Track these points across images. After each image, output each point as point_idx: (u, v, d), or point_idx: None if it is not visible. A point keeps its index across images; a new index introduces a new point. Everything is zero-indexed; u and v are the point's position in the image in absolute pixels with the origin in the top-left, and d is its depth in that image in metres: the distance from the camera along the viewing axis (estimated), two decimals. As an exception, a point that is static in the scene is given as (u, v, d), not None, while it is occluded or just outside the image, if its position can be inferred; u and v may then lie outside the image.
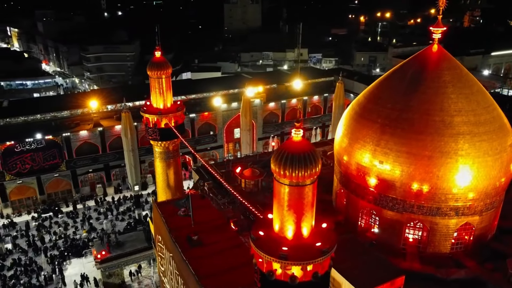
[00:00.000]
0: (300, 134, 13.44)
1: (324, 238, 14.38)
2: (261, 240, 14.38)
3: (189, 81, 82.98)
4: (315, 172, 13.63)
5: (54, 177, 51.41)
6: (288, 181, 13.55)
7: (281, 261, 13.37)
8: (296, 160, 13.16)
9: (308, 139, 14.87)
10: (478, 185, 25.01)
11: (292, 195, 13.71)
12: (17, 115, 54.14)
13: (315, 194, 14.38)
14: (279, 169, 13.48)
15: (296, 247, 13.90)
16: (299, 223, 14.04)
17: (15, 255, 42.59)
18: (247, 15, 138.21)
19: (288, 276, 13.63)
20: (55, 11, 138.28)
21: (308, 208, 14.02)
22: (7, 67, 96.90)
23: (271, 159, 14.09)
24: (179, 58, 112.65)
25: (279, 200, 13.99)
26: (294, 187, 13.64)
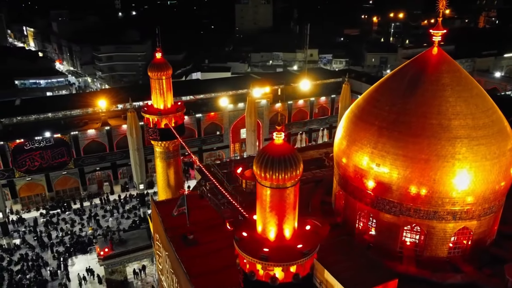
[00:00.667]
0: (282, 137, 13.61)
1: (306, 240, 14.52)
2: (244, 241, 14.59)
3: (197, 81, 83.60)
4: (296, 175, 13.78)
5: (62, 174, 52.44)
6: (269, 183, 13.74)
7: (261, 262, 13.57)
8: (277, 163, 13.34)
9: (288, 143, 14.60)
10: (475, 190, 24.79)
11: (274, 197, 13.89)
12: (28, 114, 55.44)
13: (297, 196, 14.52)
14: (260, 171, 13.67)
15: (277, 249, 14.08)
16: (281, 225, 14.21)
17: (22, 250, 43.59)
18: (258, 16, 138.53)
19: (269, 277, 13.81)
20: (70, 11, 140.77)
21: (289, 210, 14.18)
22: (22, 66, 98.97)
23: (254, 161, 14.27)
24: (189, 58, 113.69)
25: (261, 202, 14.18)
26: (275, 190, 13.81)
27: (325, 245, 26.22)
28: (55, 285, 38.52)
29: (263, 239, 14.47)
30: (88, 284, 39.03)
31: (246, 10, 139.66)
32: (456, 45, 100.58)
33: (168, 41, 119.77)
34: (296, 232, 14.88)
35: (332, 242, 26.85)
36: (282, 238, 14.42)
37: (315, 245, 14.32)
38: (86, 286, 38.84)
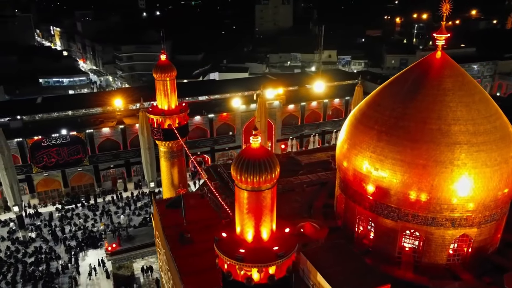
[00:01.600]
0: (258, 141, 13.89)
1: (283, 242, 14.74)
2: (222, 241, 14.95)
3: (213, 82, 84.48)
4: (272, 178, 14.03)
5: (77, 171, 54.07)
6: (246, 186, 14.03)
7: (236, 262, 13.89)
8: (253, 167, 13.63)
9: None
10: (475, 197, 24.40)
11: (251, 199, 14.19)
12: (47, 112, 57.45)
13: (274, 199, 14.76)
14: (237, 174, 14.00)
15: (253, 250, 14.37)
16: (258, 227, 14.49)
17: (37, 243, 45.20)
18: (278, 16, 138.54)
19: (245, 277, 14.13)
20: (94, 11, 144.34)
21: (266, 212, 14.44)
22: (46, 65, 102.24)
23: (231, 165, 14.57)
24: (208, 58, 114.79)
25: (239, 204, 14.49)
26: (252, 192, 14.10)
27: (320, 248, 26.51)
28: (65, 278, 39.81)
29: (241, 240, 14.79)
30: (96, 276, 40.13)
31: (266, 11, 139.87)
32: (478, 47, 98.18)
33: (188, 41, 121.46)
34: (274, 235, 15.11)
35: (327, 246, 26.99)
36: (259, 240, 14.70)
37: (291, 248, 14.50)
38: (95, 279, 39.94)
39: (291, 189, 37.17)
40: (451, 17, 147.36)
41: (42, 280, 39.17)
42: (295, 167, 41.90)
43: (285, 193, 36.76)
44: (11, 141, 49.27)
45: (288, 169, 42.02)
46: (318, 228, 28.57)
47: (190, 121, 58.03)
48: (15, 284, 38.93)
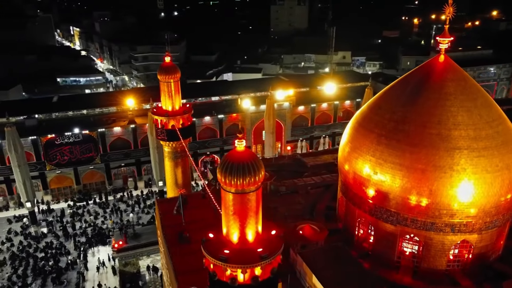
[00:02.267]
0: (243, 144, 14.15)
1: (268, 244, 14.97)
2: (209, 242, 15.27)
3: (224, 82, 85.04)
4: (257, 181, 14.26)
5: (89, 169, 55.29)
6: (231, 188, 14.31)
7: (220, 263, 14.20)
8: (237, 169, 13.91)
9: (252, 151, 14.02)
10: (475, 202, 24.09)
11: (236, 202, 14.45)
12: (61, 110, 58.92)
13: (259, 201, 14.98)
14: (221, 177, 14.29)
15: (238, 251, 14.64)
16: (243, 229, 14.75)
17: (48, 239, 46.45)
18: (293, 17, 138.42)
19: (229, 278, 14.43)
20: (112, 12, 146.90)
21: (251, 214, 14.68)
22: (64, 64, 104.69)
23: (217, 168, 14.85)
24: (223, 59, 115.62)
25: (225, 206, 14.78)
26: (237, 195, 14.37)
27: (317, 250, 26.62)
28: (73, 273, 40.83)
29: (227, 242, 15.08)
30: (105, 271, 41.02)
31: (281, 11, 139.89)
32: (496, 49, 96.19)
33: (203, 41, 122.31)
34: (260, 236, 15.35)
35: (324, 248, 27.08)
36: (244, 241, 14.97)
37: (275, 250, 14.71)
38: (102, 275, 40.81)
39: (295, 190, 37.29)
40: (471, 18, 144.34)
41: (51, 274, 40.21)
42: (300, 168, 41.96)
43: (289, 195, 36.96)
44: (25, 139, 50.84)
45: (294, 170, 42.17)
46: (318, 231, 28.61)
47: (200, 121, 59.09)
48: (25, 277, 40.10)
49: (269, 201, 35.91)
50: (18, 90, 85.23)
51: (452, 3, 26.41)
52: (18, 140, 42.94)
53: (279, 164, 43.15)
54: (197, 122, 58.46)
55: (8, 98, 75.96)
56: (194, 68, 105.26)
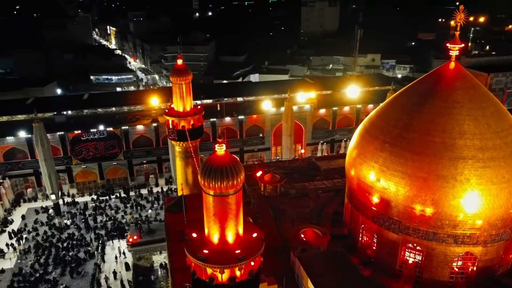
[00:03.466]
0: (223, 148, 14.61)
1: (248, 246, 15.35)
2: (192, 241, 15.84)
3: (249, 83, 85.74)
4: (235, 184, 14.67)
5: (113, 165, 57.37)
6: (211, 191, 14.81)
7: (198, 262, 14.74)
8: (216, 173, 14.39)
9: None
10: (479, 214, 23.50)
11: (216, 204, 14.93)
12: (90, 107, 61.46)
13: (239, 204, 15.36)
14: (202, 180, 14.81)
15: (216, 251, 15.12)
16: (223, 230, 15.20)
17: (70, 230, 48.61)
18: (324, 18, 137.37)
19: (207, 277, 14.95)
20: (146, 12, 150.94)
21: (231, 217, 15.10)
22: (98, 62, 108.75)
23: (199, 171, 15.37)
24: (251, 60, 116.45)
25: (206, 208, 15.29)
26: (217, 197, 14.84)
27: (316, 254, 26.71)
28: (91, 264, 42.59)
29: (208, 242, 15.59)
30: (119, 263, 42.57)
31: (312, 13, 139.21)
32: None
33: (233, 42, 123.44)
34: (241, 238, 15.76)
35: (323, 253, 27.13)
36: (224, 242, 15.42)
37: (253, 252, 15.09)
38: (118, 267, 42.33)
39: (305, 194, 37.39)
40: (511, 21, 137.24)
41: (70, 264, 42.14)
42: (313, 172, 41.96)
43: (298, 198, 37.10)
44: (53, 134, 53.45)
45: (306, 173, 42.25)
46: (320, 235, 28.67)
47: (220, 121, 60.02)
48: (47, 266, 42.21)
49: (278, 202, 36.39)
50: (53, 86, 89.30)
51: (464, 9, 25.83)
52: (45, 135, 45.27)
53: (292, 167, 43.31)
54: (217, 122, 59.48)
55: (44, 95, 79.86)
56: (222, 68, 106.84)
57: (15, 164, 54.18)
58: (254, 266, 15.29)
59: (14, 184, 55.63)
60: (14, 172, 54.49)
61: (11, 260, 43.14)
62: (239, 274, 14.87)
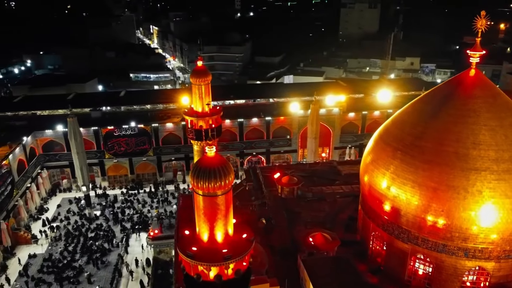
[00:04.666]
0: (213, 150, 15.10)
1: (235, 247, 15.75)
2: (183, 238, 16.47)
3: (281, 85, 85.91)
4: (224, 185, 15.08)
5: (142, 160, 59.45)
6: (201, 191, 15.34)
7: (186, 258, 15.33)
8: (204, 173, 14.90)
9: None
10: (492, 228, 22.64)
11: (206, 204, 15.43)
12: (125, 104, 64.04)
13: (228, 205, 15.75)
14: (192, 180, 15.37)
15: (205, 250, 15.62)
16: (212, 229, 15.68)
17: (99, 221, 50.93)
18: (363, 20, 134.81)
19: (195, 273, 15.51)
20: (187, 12, 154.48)
21: (220, 217, 15.55)
22: (138, 61, 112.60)
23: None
24: (287, 61, 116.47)
25: (197, 208, 15.84)
26: (207, 197, 15.34)
27: (321, 259, 26.70)
28: (115, 254, 44.48)
29: (199, 240, 16.14)
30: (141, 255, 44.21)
31: (351, 14, 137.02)
32: None
33: (271, 43, 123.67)
34: (230, 238, 16.18)
35: (329, 258, 27.05)
36: (213, 241, 15.89)
37: (240, 253, 15.47)
38: (139, 259, 43.92)
39: (322, 198, 37.25)
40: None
41: (96, 254, 44.23)
42: (333, 176, 41.65)
43: (315, 201, 37.01)
44: (88, 129, 56.20)
45: (326, 177, 42.01)
46: (330, 240, 28.56)
47: (247, 122, 60.69)
48: (74, 254, 44.52)
49: (294, 205, 36.54)
50: (93, 83, 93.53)
51: (486, 15, 24.93)
52: (78, 129, 47.74)
53: (312, 170, 43.24)
54: (244, 123, 60.19)
55: (84, 91, 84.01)
56: (257, 69, 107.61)
57: (53, 156, 57.46)
58: (241, 266, 15.65)
59: (52, 175, 58.95)
60: (51, 163, 57.79)
61: (42, 246, 45.86)
62: (225, 273, 15.29)
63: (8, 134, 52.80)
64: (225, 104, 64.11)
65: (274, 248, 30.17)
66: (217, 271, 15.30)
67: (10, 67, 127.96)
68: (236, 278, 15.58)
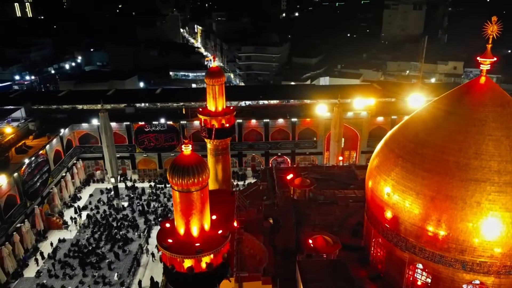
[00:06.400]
0: (189, 149, 15.90)
1: (209, 242, 16.49)
2: (163, 230, 17.44)
3: (312, 86, 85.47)
4: (197, 182, 15.85)
5: (171, 156, 61.44)
6: (176, 187, 16.22)
7: (161, 249, 16.30)
8: (180, 171, 15.75)
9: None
10: (491, 242, 21.93)
11: (182, 199, 16.26)
12: (158, 101, 66.55)
13: (204, 201, 16.49)
14: (168, 176, 16.28)
15: (180, 242, 16.48)
16: (188, 224, 16.51)
17: (125, 212, 53.45)
18: (407, 22, 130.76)
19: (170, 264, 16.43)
20: (229, 13, 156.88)
21: (195, 212, 16.33)
22: (178, 59, 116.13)
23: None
24: (325, 62, 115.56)
25: (174, 203, 16.74)
26: (182, 193, 16.19)
27: (316, 261, 26.81)
28: (136, 244, 46.59)
29: (176, 233, 17.03)
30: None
31: (395, 16, 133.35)
32: None
33: (310, 44, 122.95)
34: (206, 233, 16.93)
35: (325, 261, 27.10)
36: (189, 235, 16.72)
37: (212, 247, 16.19)
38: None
39: (334, 201, 37.13)
40: None
41: (119, 242, 46.57)
42: (349, 180, 41.32)
43: (327, 205, 36.94)
44: (121, 124, 59.09)
45: (342, 181, 41.72)
46: (330, 243, 28.53)
47: (273, 122, 61.15)
48: (99, 241, 47.11)
49: (305, 207, 36.70)
50: (134, 80, 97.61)
51: (497, 21, 24.04)
52: (109, 124, 50.40)
53: (329, 173, 43.08)
54: (270, 123, 60.74)
55: (124, 87, 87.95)
56: (293, 70, 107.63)
57: (88, 148, 60.90)
58: (213, 260, 16.37)
59: (86, 166, 62.46)
60: (86, 155, 61.26)
61: (71, 232, 48.89)
62: (197, 266, 16.07)
63: (49, 126, 56.62)
64: (253, 104, 65.19)
65: (277, 248, 30.63)
66: (191, 264, 16.09)
67: (62, 63, 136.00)
68: (208, 272, 16.30)
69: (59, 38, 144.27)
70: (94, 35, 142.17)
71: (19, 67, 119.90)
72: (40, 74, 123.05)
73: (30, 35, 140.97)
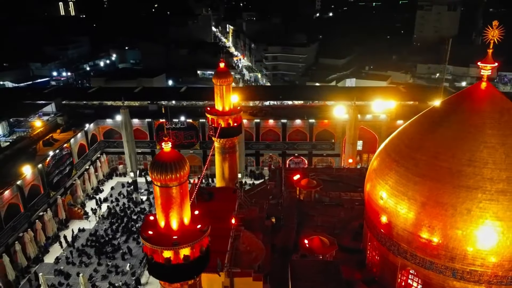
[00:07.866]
0: (169, 146, 16.78)
1: (187, 235, 17.31)
2: (147, 223, 18.44)
3: (334, 88, 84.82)
4: (177, 178, 16.67)
5: (189, 153, 62.96)
6: (157, 182, 17.15)
7: (142, 240, 17.30)
8: (160, 166, 16.64)
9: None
10: (481, 250, 21.61)
11: (162, 194, 17.14)
12: (182, 100, 68.33)
13: (183, 196, 17.28)
14: (149, 172, 17.21)
15: (159, 235, 17.39)
16: (167, 217, 17.39)
17: (143, 205, 55.37)
18: (440, 23, 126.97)
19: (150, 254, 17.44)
20: (258, 13, 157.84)
21: (174, 206, 17.17)
22: (207, 59, 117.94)
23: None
24: (352, 64, 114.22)
25: (155, 197, 17.69)
26: (162, 188, 17.08)
27: (308, 262, 27.17)
28: (150, 237, 48.25)
29: (157, 226, 17.98)
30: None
31: (428, 17, 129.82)
32: None
33: (340, 45, 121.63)
34: (185, 227, 17.76)
35: (316, 261, 27.38)
36: (169, 228, 17.60)
37: (188, 241, 17.00)
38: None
39: (339, 203, 37.19)
40: None
41: (134, 234, 48.41)
42: (357, 183, 41.07)
43: (333, 206, 37.08)
44: (143, 120, 61.19)
45: (351, 184, 41.59)
46: (327, 244, 28.77)
47: (291, 123, 61.42)
48: (116, 232, 49.13)
49: (310, 208, 37.02)
50: (161, 78, 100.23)
51: (498, 25, 23.54)
52: (129, 120, 52.43)
53: (338, 175, 43.04)
54: (288, 124, 61.09)
55: (152, 85, 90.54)
56: (320, 71, 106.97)
57: (112, 143, 63.39)
58: (190, 253, 17.17)
59: (110, 160, 65.01)
60: (110, 149, 63.77)
61: (91, 222, 51.21)
62: (175, 258, 16.94)
63: (76, 120, 59.46)
64: (275, 104, 65.86)
65: (276, 247, 31.15)
66: (169, 255, 16.98)
67: (97, 60, 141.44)
68: (184, 264, 17.13)
69: (97, 36, 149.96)
70: (130, 34, 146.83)
71: (57, 63, 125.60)
72: (76, 70, 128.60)
73: (69, 33, 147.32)
